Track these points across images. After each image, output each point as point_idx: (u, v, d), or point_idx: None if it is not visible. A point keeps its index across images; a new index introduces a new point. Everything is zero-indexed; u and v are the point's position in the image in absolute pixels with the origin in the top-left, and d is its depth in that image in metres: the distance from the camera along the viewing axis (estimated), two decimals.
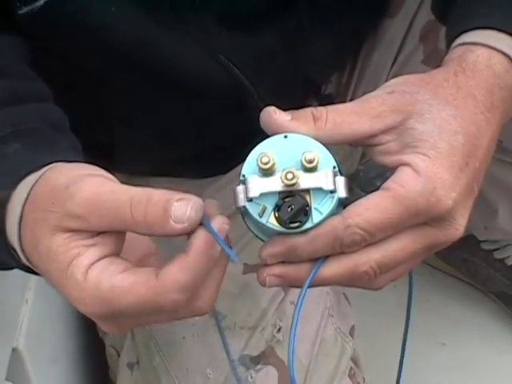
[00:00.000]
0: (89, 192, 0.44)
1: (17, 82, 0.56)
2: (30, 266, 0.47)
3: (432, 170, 0.45)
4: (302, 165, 0.45)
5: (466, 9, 0.55)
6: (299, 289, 0.47)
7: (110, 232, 0.45)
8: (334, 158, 0.46)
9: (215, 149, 0.78)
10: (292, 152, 0.45)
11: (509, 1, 0.54)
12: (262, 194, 0.45)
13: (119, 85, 0.67)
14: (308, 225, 0.45)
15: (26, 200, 0.46)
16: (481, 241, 1.08)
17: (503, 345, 1.08)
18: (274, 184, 0.45)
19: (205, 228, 0.44)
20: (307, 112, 0.47)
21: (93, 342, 0.89)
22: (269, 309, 0.75)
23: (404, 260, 0.47)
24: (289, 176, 0.44)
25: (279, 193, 0.45)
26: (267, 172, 0.45)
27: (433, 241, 0.47)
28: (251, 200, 0.45)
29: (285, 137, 0.46)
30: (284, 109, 0.47)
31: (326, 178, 0.45)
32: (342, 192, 0.45)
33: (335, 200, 0.45)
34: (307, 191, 0.45)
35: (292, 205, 0.45)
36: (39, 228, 0.44)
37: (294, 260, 0.47)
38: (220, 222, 0.44)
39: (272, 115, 0.47)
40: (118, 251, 0.46)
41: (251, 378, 0.72)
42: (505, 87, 0.50)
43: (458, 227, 0.47)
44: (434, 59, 0.79)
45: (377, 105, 0.47)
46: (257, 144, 0.46)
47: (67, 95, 0.59)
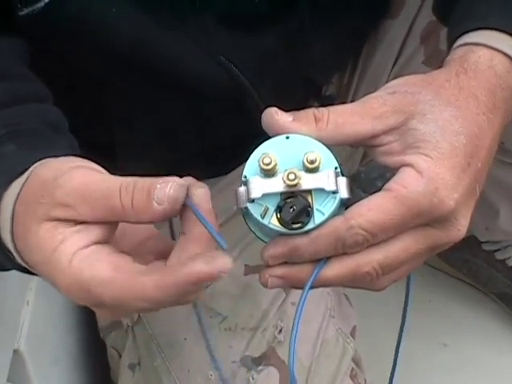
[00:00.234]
0: (78, 182, 0.44)
1: (17, 84, 0.56)
2: (26, 266, 0.47)
3: (434, 171, 0.45)
4: (304, 165, 0.45)
5: (468, 9, 0.55)
6: (301, 290, 0.47)
7: None
8: (336, 159, 0.45)
9: (216, 149, 0.78)
10: (294, 153, 0.45)
11: (510, 1, 0.54)
12: (264, 195, 0.45)
13: (119, 85, 0.67)
14: (310, 225, 0.45)
15: (18, 197, 0.46)
16: (482, 242, 1.08)
17: (505, 345, 1.08)
18: (276, 185, 0.45)
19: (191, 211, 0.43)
20: (309, 113, 0.47)
21: (94, 344, 0.89)
22: (270, 310, 0.75)
23: (406, 261, 0.47)
24: (291, 177, 0.44)
25: (281, 194, 0.45)
26: (269, 173, 0.45)
27: (435, 241, 0.47)
28: (253, 201, 0.45)
29: (286, 138, 0.46)
30: (285, 110, 0.47)
31: (328, 179, 0.45)
32: (344, 193, 0.45)
33: (337, 201, 0.45)
34: (309, 192, 0.45)
35: (294, 205, 0.44)
36: (29, 220, 0.44)
37: (296, 261, 0.47)
38: (201, 195, 0.44)
39: (274, 116, 0.46)
40: (107, 238, 0.45)
41: (252, 379, 0.72)
42: (506, 88, 0.50)
43: (460, 228, 0.47)
44: (435, 60, 0.80)
45: (378, 105, 0.47)
46: (258, 145, 0.46)
47: (67, 96, 0.59)
